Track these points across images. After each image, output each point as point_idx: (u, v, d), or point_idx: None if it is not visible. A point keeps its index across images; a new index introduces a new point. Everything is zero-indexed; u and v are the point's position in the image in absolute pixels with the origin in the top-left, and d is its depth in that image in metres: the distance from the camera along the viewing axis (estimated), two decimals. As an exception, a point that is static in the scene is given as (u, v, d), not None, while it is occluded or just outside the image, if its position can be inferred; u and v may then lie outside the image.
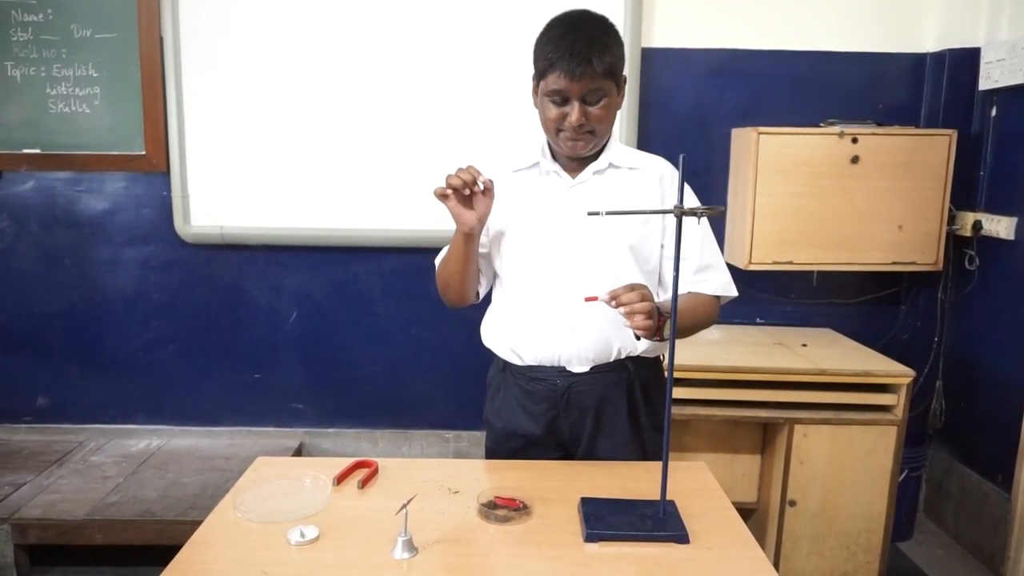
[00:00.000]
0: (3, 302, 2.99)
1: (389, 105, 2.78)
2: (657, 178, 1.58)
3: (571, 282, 1.54)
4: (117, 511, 2.45)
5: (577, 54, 1.40)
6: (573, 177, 1.57)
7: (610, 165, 1.57)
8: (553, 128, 1.51)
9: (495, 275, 1.68)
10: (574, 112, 1.45)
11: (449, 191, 1.45)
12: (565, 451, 1.66)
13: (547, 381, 1.60)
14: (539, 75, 1.49)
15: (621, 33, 1.51)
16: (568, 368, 1.58)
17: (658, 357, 1.68)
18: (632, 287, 1.34)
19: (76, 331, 3.00)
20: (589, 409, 1.60)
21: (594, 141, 1.52)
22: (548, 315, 1.56)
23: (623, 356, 1.59)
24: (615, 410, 1.60)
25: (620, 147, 1.61)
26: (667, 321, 1.35)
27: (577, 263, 1.55)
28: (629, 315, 1.32)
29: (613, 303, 1.33)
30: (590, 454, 1.62)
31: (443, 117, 2.78)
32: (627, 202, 1.54)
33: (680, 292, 1.54)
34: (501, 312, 1.66)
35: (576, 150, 1.52)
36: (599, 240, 1.54)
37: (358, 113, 2.79)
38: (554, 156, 1.59)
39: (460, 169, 1.46)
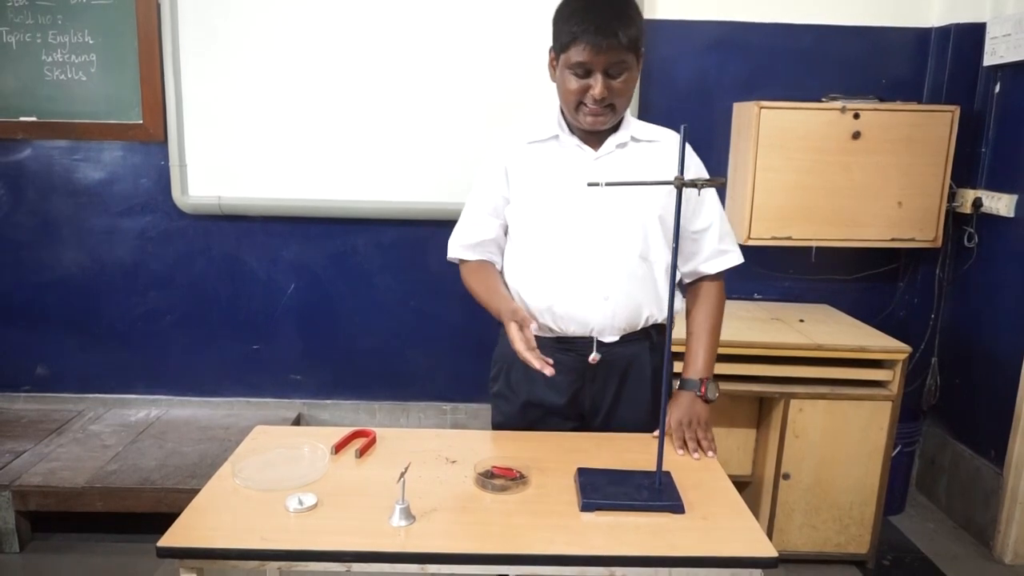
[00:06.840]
0: (1, 271, 2.98)
1: (389, 75, 2.75)
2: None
3: (604, 253, 1.55)
4: (117, 479, 2.47)
5: (603, 27, 1.40)
6: (595, 150, 1.57)
7: (632, 139, 1.57)
8: (574, 101, 1.49)
9: (514, 249, 1.65)
10: (598, 85, 1.44)
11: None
12: (582, 420, 1.67)
13: (576, 352, 1.60)
14: (561, 48, 1.47)
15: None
16: (600, 338, 1.58)
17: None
18: (676, 430, 1.55)
19: (75, 301, 3.00)
20: (614, 378, 1.61)
21: (613, 116, 1.52)
22: (581, 286, 1.56)
23: (650, 324, 1.60)
24: (639, 377, 1.62)
25: (637, 121, 1.62)
26: (707, 384, 1.57)
27: (609, 234, 1.55)
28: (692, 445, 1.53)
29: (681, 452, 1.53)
30: (607, 423, 1.63)
31: (444, 89, 2.75)
32: (651, 174, 1.52)
33: (703, 271, 1.65)
34: (530, 286, 1.61)
35: (596, 124, 1.52)
36: (630, 211, 1.55)
37: (358, 83, 2.76)
38: (571, 129, 1.58)
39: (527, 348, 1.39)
